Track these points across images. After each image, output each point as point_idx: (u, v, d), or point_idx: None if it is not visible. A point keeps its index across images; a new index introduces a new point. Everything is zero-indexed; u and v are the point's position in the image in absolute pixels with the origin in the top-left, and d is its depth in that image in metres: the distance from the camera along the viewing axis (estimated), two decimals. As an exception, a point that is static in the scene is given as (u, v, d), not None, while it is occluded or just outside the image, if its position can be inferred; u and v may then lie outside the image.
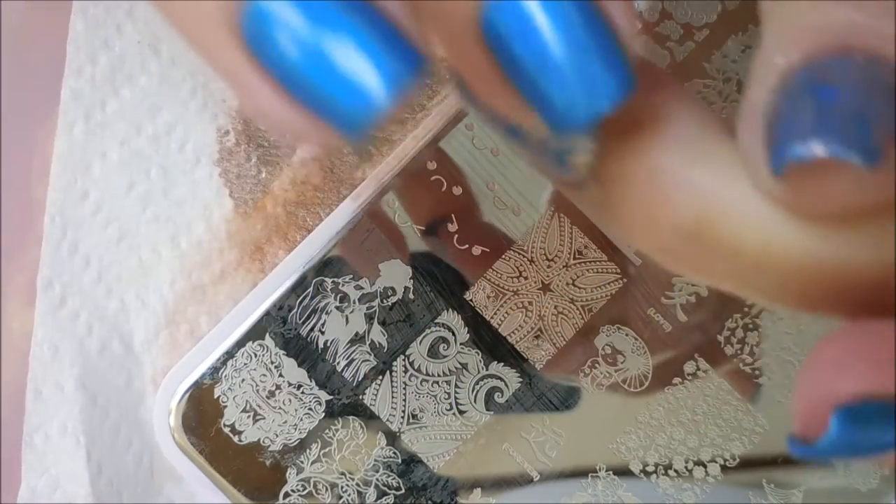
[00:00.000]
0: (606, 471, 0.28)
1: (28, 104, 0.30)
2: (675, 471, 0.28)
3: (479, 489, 0.28)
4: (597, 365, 0.28)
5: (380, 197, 0.28)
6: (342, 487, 0.28)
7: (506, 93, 0.17)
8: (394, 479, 0.28)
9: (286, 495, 0.28)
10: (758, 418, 0.28)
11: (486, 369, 0.28)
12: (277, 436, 0.28)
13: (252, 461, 0.28)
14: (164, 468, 0.29)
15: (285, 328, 0.28)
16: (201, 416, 0.28)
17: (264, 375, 0.28)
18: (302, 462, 0.28)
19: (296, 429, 0.28)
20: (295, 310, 0.28)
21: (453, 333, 0.28)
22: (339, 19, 0.16)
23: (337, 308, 0.28)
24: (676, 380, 0.28)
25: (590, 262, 0.28)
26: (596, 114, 0.16)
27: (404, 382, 0.28)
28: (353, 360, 0.28)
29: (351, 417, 0.28)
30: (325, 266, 0.28)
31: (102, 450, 0.29)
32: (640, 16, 0.28)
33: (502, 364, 0.28)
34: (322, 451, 0.28)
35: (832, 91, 0.16)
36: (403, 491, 0.28)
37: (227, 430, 0.28)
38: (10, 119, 0.30)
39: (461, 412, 0.28)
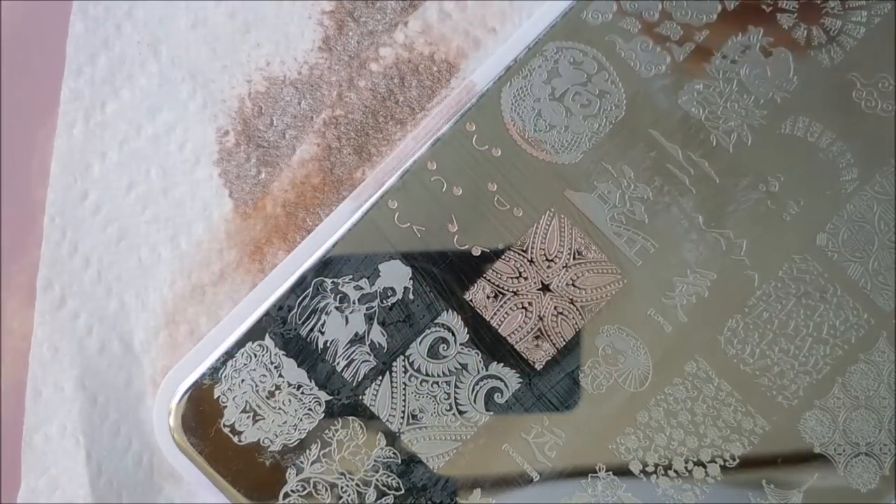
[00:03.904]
0: (606, 471, 0.28)
1: (28, 104, 0.30)
2: (675, 471, 0.28)
3: (478, 489, 0.28)
4: (597, 365, 0.28)
5: (380, 197, 0.28)
6: (342, 488, 0.28)
7: None
8: (393, 479, 0.28)
9: (286, 495, 0.28)
10: (757, 419, 0.28)
11: (486, 370, 0.28)
12: (277, 436, 0.28)
13: (252, 461, 0.28)
14: (163, 468, 0.29)
15: (285, 328, 0.28)
16: (201, 416, 0.28)
17: (264, 376, 0.28)
18: (302, 462, 0.28)
19: (295, 429, 0.28)
20: (295, 310, 0.28)
21: (453, 334, 0.28)
22: None
23: (337, 308, 0.28)
24: (676, 380, 0.28)
25: (590, 262, 0.28)
26: None
27: (404, 383, 0.28)
28: (352, 361, 0.28)
29: (351, 418, 0.28)
30: (325, 266, 0.28)
31: (102, 450, 0.29)
32: (640, 16, 0.28)
33: (502, 364, 0.28)
34: (322, 452, 0.28)
35: None
36: (403, 491, 0.28)
37: (226, 430, 0.28)
38: (10, 119, 0.30)
39: (461, 412, 0.28)
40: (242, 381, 0.28)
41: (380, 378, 0.28)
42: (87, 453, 0.29)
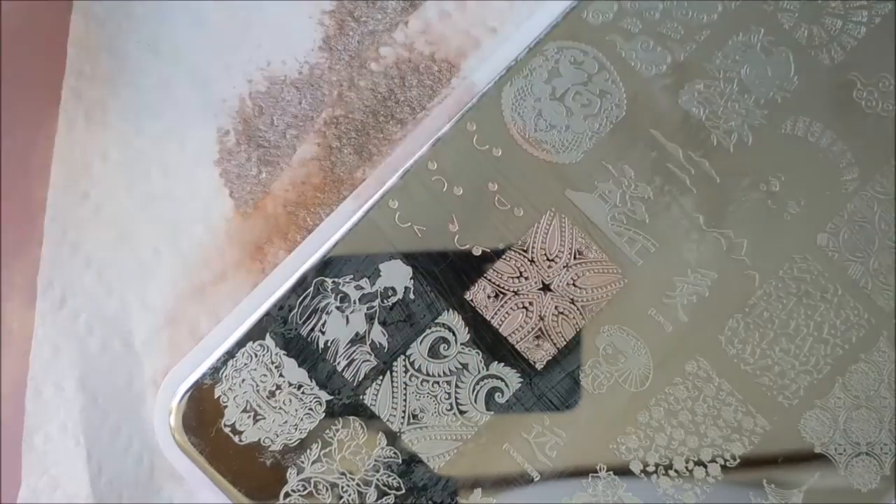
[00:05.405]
0: (607, 471, 0.28)
1: (28, 104, 0.30)
2: (676, 471, 0.28)
3: (479, 489, 0.28)
4: (597, 365, 0.28)
5: (380, 197, 0.28)
6: (342, 487, 0.28)
7: None
8: (394, 479, 0.28)
9: (286, 495, 0.28)
10: (758, 419, 0.28)
11: (487, 369, 0.28)
12: (278, 436, 0.28)
13: (252, 461, 0.28)
14: (164, 468, 0.29)
15: (286, 328, 0.28)
16: (201, 416, 0.28)
17: (265, 375, 0.28)
18: (302, 462, 0.28)
19: (296, 429, 0.28)
20: (295, 310, 0.28)
21: (454, 333, 0.28)
22: None
23: (337, 308, 0.28)
24: (677, 380, 0.28)
25: (590, 262, 0.28)
26: None
27: (405, 382, 0.28)
28: (353, 360, 0.28)
29: (351, 417, 0.28)
30: (326, 266, 0.28)
31: (102, 450, 0.29)
32: (640, 16, 0.28)
33: (503, 364, 0.28)
34: (322, 451, 0.28)
35: None
36: (404, 491, 0.28)
37: (227, 430, 0.28)
38: (10, 119, 0.30)
39: (461, 412, 0.28)
40: (243, 380, 0.28)
41: (380, 378, 0.28)
42: (87, 453, 0.29)
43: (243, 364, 0.28)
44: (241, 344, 0.28)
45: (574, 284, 0.28)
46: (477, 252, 0.28)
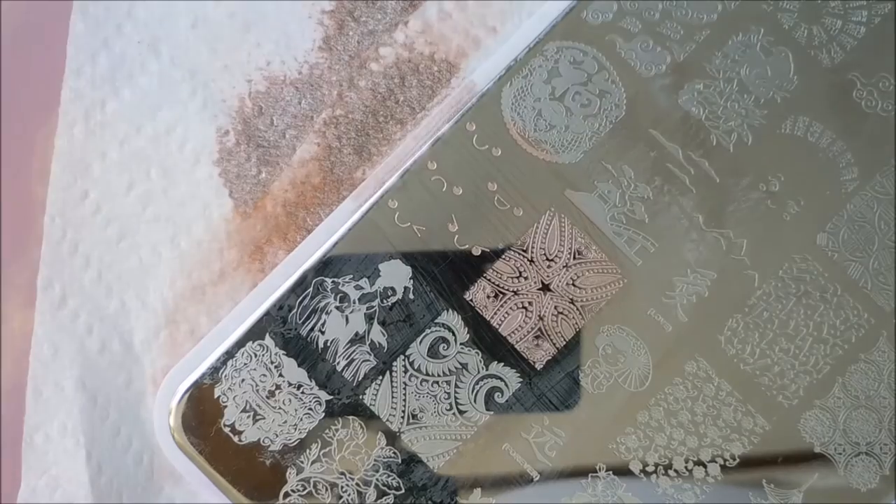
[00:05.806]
0: (606, 471, 0.28)
1: (28, 104, 0.30)
2: (675, 471, 0.28)
3: (479, 489, 0.28)
4: (597, 364, 0.28)
5: (380, 197, 0.28)
6: (342, 487, 0.28)
7: None
8: (394, 479, 0.28)
9: (286, 495, 0.28)
10: (757, 419, 0.28)
11: (486, 369, 0.28)
12: (277, 436, 0.28)
13: (252, 461, 0.28)
14: (164, 468, 0.29)
15: (285, 328, 0.28)
16: (201, 416, 0.28)
17: (264, 375, 0.28)
18: (302, 462, 0.28)
19: (296, 429, 0.28)
20: (295, 310, 0.28)
21: (453, 333, 0.28)
22: None
23: (337, 308, 0.28)
24: (676, 380, 0.28)
25: (590, 262, 0.28)
26: None
27: (404, 382, 0.28)
28: (353, 360, 0.28)
29: (351, 417, 0.28)
30: (325, 266, 0.28)
31: (102, 450, 0.29)
32: (640, 16, 0.28)
33: (502, 364, 0.28)
34: (322, 451, 0.28)
35: None
36: (403, 491, 0.28)
37: (227, 430, 0.28)
38: (10, 119, 0.30)
39: (461, 412, 0.28)
40: (243, 380, 0.28)
41: (380, 378, 0.28)
42: (87, 453, 0.29)
43: (243, 364, 0.28)
44: (240, 344, 0.28)
45: (573, 284, 0.28)
46: (476, 252, 0.28)
